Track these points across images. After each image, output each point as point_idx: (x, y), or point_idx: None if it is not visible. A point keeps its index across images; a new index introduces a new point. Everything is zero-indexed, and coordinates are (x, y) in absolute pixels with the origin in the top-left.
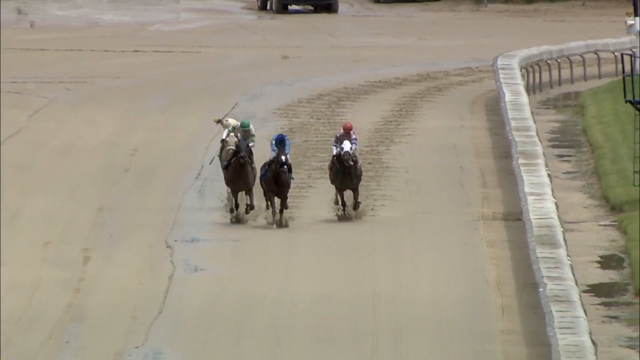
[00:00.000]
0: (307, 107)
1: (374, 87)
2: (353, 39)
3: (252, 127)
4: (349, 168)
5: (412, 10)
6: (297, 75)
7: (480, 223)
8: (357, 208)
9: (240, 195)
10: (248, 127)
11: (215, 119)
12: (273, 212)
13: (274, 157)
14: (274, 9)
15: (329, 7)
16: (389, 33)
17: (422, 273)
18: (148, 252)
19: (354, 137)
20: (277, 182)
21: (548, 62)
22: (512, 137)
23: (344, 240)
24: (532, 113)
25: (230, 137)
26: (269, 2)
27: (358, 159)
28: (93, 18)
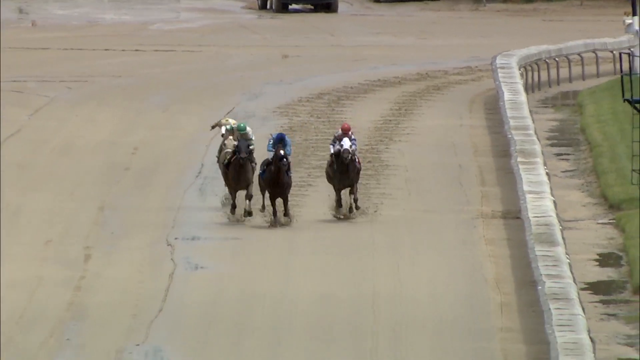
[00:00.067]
0: (307, 106)
1: (374, 86)
2: (353, 38)
3: (249, 129)
4: (348, 165)
5: (411, 10)
6: (297, 74)
7: (479, 221)
8: (356, 203)
9: (240, 196)
10: (245, 130)
11: (212, 125)
12: (273, 211)
13: (273, 156)
14: (274, 8)
15: (329, 6)
16: (389, 32)
17: (421, 271)
18: (149, 250)
19: (353, 137)
20: (277, 181)
21: (547, 61)
22: (510, 135)
23: (344, 239)
24: (530, 112)
25: (229, 140)
26: (269, 1)
27: (358, 157)
28: (94, 17)
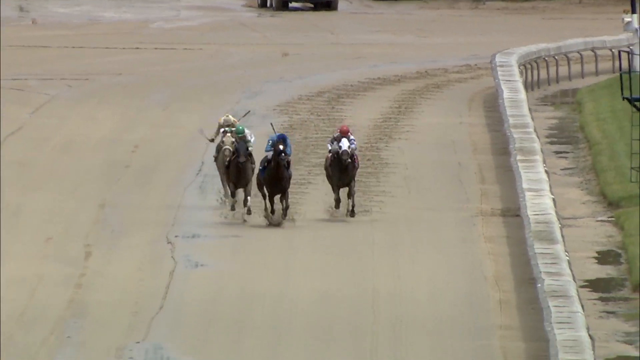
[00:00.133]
0: (307, 104)
1: (374, 84)
2: (352, 36)
3: (247, 131)
4: (347, 165)
5: (411, 8)
6: (297, 73)
7: (479, 219)
8: (353, 208)
9: (239, 195)
10: (243, 133)
11: (209, 138)
12: (272, 210)
13: (272, 152)
14: (274, 7)
15: (329, 4)
16: (388, 30)
17: (421, 269)
18: (149, 248)
19: (352, 137)
20: (276, 177)
21: (546, 59)
22: (510, 133)
23: (344, 238)
24: (530, 110)
25: (227, 137)
26: None
27: (357, 156)
28: (94, 15)
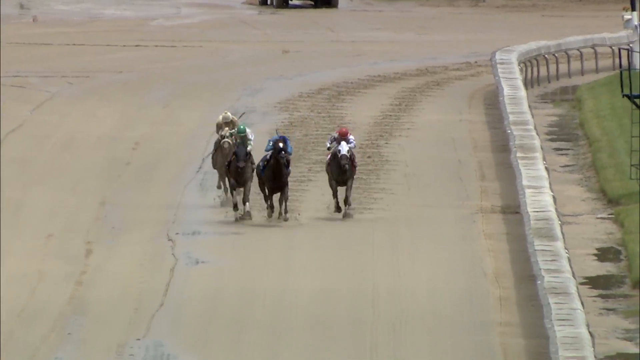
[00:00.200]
0: (307, 101)
1: (374, 81)
2: (353, 34)
3: (249, 130)
4: (345, 171)
5: (411, 5)
6: (297, 70)
7: (479, 216)
8: (348, 202)
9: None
10: (244, 132)
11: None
12: (272, 207)
13: (272, 150)
14: (275, 4)
15: (329, 2)
16: (389, 28)
17: (421, 266)
18: (149, 245)
19: (352, 138)
20: (276, 175)
21: (546, 56)
22: (510, 130)
23: (344, 235)
24: (530, 107)
25: (225, 130)
26: None
27: (354, 157)
28: (95, 13)
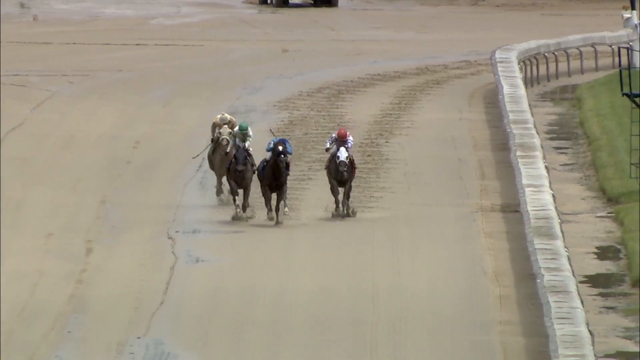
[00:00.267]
0: (307, 100)
1: (374, 80)
2: (353, 33)
3: (249, 129)
4: (345, 177)
5: (411, 4)
6: (297, 69)
7: (479, 215)
8: (347, 201)
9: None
10: (246, 129)
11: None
12: (270, 210)
13: (272, 153)
14: (275, 3)
15: (329, 0)
16: (389, 27)
17: (421, 265)
18: (150, 243)
19: (350, 139)
20: (275, 176)
21: (546, 55)
22: (510, 129)
23: (344, 233)
24: (529, 106)
25: (224, 128)
26: None
27: (353, 158)
28: (95, 12)
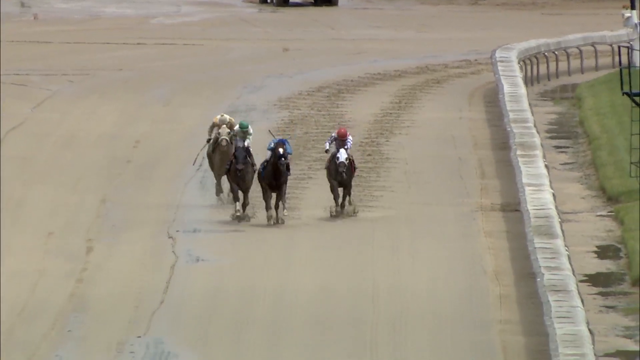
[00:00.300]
0: (307, 99)
1: (374, 79)
2: (353, 32)
3: (250, 127)
4: (344, 177)
5: (411, 3)
6: (297, 68)
7: (479, 214)
8: (350, 203)
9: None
10: (247, 128)
11: (207, 138)
12: (270, 208)
13: (272, 154)
14: (275, 2)
15: (329, 0)
16: (389, 26)
17: (421, 264)
18: (150, 242)
19: (350, 139)
20: (275, 174)
21: (546, 54)
22: (510, 128)
23: (344, 232)
24: (530, 105)
25: (223, 128)
26: None
27: (352, 158)
28: (95, 11)
